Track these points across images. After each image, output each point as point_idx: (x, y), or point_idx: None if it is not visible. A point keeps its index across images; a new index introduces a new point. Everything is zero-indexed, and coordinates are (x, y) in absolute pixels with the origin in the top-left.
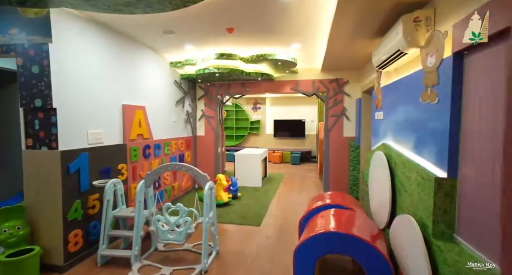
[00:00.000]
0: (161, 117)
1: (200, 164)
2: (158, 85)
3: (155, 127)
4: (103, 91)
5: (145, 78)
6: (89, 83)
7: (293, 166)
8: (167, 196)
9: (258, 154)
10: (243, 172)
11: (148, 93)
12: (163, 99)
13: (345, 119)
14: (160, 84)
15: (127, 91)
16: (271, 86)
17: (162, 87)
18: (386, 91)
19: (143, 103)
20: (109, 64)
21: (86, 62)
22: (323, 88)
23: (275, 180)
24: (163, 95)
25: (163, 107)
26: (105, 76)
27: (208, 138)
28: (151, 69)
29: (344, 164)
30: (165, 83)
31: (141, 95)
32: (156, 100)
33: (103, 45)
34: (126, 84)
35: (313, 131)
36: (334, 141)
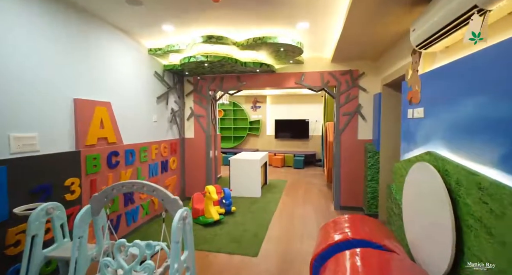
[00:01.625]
0: (136, 116)
1: (189, 172)
2: (131, 77)
3: (126, 128)
4: (42, 80)
5: (111, 67)
6: (19, 69)
7: (296, 171)
8: (144, 214)
9: (257, 159)
10: (240, 180)
11: (116, 86)
12: (139, 94)
13: (360, 118)
14: (135, 75)
15: (82, 82)
16: (271, 80)
17: (137, 80)
18: (430, 79)
19: (107, 98)
20: (53, 44)
21: (16, 41)
22: (334, 82)
23: (276, 189)
24: (139, 89)
25: (139, 104)
26: (45, 60)
27: (198, 141)
28: (121, 56)
29: (359, 172)
30: (142, 75)
31: (104, 88)
32: (129, 95)
33: (44, 18)
34: (81, 73)
35: (317, 132)
36: (346, 145)
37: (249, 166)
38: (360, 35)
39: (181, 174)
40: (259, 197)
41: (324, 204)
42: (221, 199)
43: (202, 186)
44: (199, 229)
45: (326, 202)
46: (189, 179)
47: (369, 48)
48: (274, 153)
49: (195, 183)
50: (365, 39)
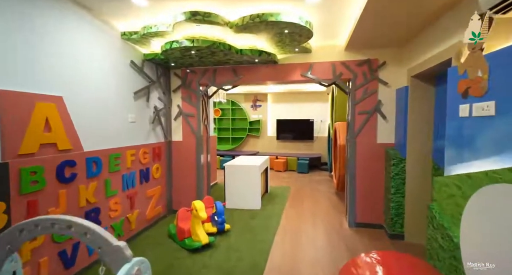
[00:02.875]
0: (104, 115)
1: (177, 181)
2: (97, 66)
3: (89, 131)
4: None
5: (66, 53)
6: None
7: (300, 176)
8: (116, 236)
9: (257, 165)
10: (236, 190)
11: (74, 77)
12: (109, 88)
13: (379, 118)
14: (103, 64)
15: (17, 70)
16: (273, 72)
17: (106, 70)
18: (509, 59)
19: (58, 92)
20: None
21: None
22: (348, 74)
23: (278, 198)
24: (108, 82)
25: (108, 100)
26: None
27: (187, 144)
28: (82, 40)
29: (379, 183)
30: (114, 64)
31: (54, 79)
32: (92, 88)
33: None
34: (15, 60)
35: (323, 132)
36: (363, 150)
37: (248, 173)
38: (392, 8)
39: (167, 183)
40: (259, 209)
41: (335, 218)
42: (213, 215)
43: (193, 197)
44: (183, 257)
45: (337, 215)
46: (177, 189)
47: (399, 28)
48: (276, 156)
49: (185, 194)
50: (398, 13)
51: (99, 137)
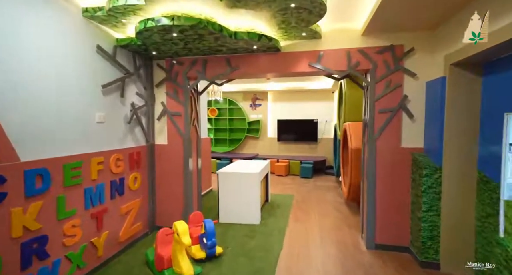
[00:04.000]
0: (56, 114)
1: (162, 191)
2: (47, 51)
3: (31, 135)
4: None
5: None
6: None
7: (303, 181)
8: (75, 268)
9: (256, 172)
10: (231, 202)
11: (8, 63)
12: (65, 80)
13: (404, 117)
14: (55, 48)
15: None
16: (275, 62)
17: (61, 56)
18: None
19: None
20: None
21: None
22: (366, 64)
23: (280, 209)
24: (63, 72)
25: (64, 94)
26: None
27: (173, 148)
28: (23, 14)
29: (404, 197)
30: (72, 49)
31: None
32: (41, 79)
33: None
34: None
35: (328, 133)
36: (384, 156)
37: (245, 182)
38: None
39: (150, 195)
40: (258, 224)
41: (349, 237)
42: (201, 236)
43: (180, 209)
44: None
45: (351, 233)
46: (162, 201)
47: (434, 5)
48: (277, 159)
49: (171, 206)
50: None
51: (48, 142)
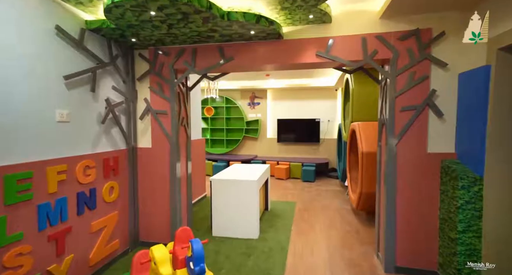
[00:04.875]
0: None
1: (145, 202)
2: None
3: None
4: None
5: None
6: None
7: (306, 186)
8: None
9: (254, 179)
10: (226, 213)
11: None
12: (11, 67)
13: (431, 116)
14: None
15: None
16: (276, 51)
17: (3, 38)
18: None
19: None
20: None
21: None
22: (386, 52)
23: (281, 219)
24: (4, 57)
25: (6, 85)
26: None
27: (158, 152)
28: None
29: (432, 211)
30: (20, 30)
31: None
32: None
33: None
34: None
35: (330, 134)
36: (406, 162)
37: (242, 190)
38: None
39: (131, 207)
40: (256, 238)
41: (362, 256)
42: (188, 260)
43: (166, 222)
44: None
45: (364, 251)
46: (146, 212)
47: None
48: (277, 161)
49: (156, 218)
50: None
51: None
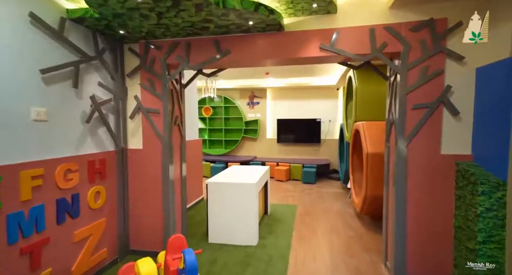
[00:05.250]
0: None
1: (136, 207)
2: None
3: None
4: None
5: None
6: None
7: (306, 188)
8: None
9: (253, 182)
10: (223, 218)
11: None
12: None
13: (445, 114)
14: None
15: None
16: (276, 45)
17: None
18: None
19: None
20: None
21: None
22: (396, 45)
23: (282, 224)
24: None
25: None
26: None
27: (150, 153)
28: None
29: (445, 219)
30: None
31: None
32: None
33: None
34: None
35: (331, 134)
36: (418, 164)
37: (240, 195)
38: None
39: (120, 213)
40: (255, 245)
41: (369, 265)
42: (180, 273)
43: (159, 228)
44: None
45: (371, 259)
46: (137, 219)
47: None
48: (277, 163)
49: (147, 225)
50: None
51: None
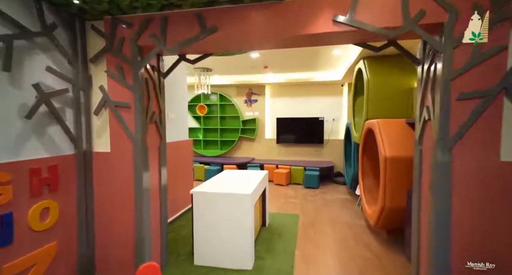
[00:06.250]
0: None
1: (101, 226)
2: None
3: None
4: None
5: None
6: None
7: (309, 193)
8: None
9: (247, 193)
10: (211, 236)
11: None
12: None
13: (507, 106)
14: None
15: None
16: (275, 19)
17: None
18: None
19: None
20: None
21: None
22: (437, 13)
23: (282, 240)
24: None
25: None
26: None
27: (119, 158)
28: None
29: (508, 247)
30: None
31: None
32: None
33: None
34: None
35: (335, 134)
36: (466, 175)
37: (233, 207)
38: None
39: (81, 234)
40: (250, 269)
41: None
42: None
43: (131, 250)
44: None
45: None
46: (104, 241)
47: None
48: (276, 165)
49: (116, 247)
50: None
51: None
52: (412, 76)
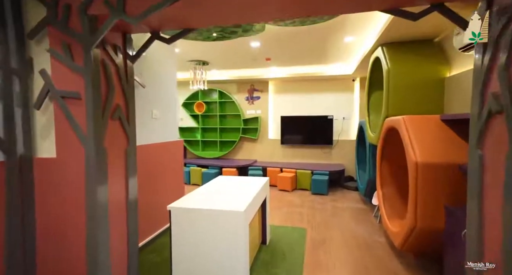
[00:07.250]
0: None
1: (46, 256)
2: None
3: None
4: None
5: None
6: None
7: (317, 200)
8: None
9: (240, 210)
10: (194, 264)
11: None
12: None
13: None
14: None
15: None
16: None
17: None
18: None
19: None
20: None
21: None
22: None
23: (285, 262)
24: None
25: None
26: None
27: (68, 166)
28: None
29: None
30: None
31: None
32: None
33: None
34: None
35: (347, 135)
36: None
37: (222, 227)
38: None
39: (13, 266)
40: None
41: None
42: None
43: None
44: None
45: None
46: (49, 259)
47: None
48: (280, 168)
49: (65, 272)
50: None
51: None
52: (442, 65)
